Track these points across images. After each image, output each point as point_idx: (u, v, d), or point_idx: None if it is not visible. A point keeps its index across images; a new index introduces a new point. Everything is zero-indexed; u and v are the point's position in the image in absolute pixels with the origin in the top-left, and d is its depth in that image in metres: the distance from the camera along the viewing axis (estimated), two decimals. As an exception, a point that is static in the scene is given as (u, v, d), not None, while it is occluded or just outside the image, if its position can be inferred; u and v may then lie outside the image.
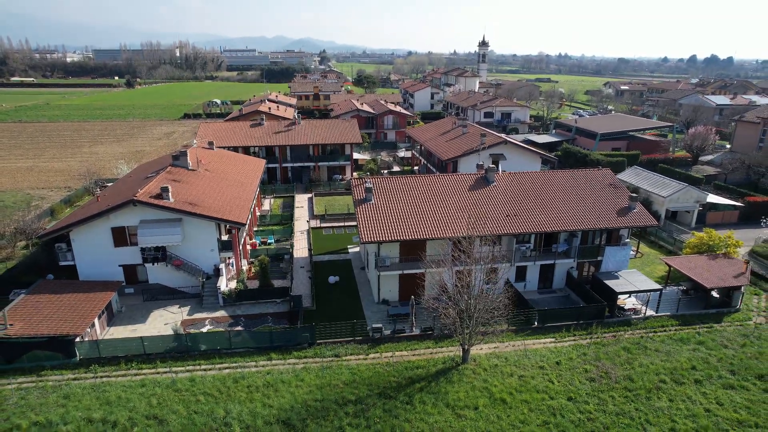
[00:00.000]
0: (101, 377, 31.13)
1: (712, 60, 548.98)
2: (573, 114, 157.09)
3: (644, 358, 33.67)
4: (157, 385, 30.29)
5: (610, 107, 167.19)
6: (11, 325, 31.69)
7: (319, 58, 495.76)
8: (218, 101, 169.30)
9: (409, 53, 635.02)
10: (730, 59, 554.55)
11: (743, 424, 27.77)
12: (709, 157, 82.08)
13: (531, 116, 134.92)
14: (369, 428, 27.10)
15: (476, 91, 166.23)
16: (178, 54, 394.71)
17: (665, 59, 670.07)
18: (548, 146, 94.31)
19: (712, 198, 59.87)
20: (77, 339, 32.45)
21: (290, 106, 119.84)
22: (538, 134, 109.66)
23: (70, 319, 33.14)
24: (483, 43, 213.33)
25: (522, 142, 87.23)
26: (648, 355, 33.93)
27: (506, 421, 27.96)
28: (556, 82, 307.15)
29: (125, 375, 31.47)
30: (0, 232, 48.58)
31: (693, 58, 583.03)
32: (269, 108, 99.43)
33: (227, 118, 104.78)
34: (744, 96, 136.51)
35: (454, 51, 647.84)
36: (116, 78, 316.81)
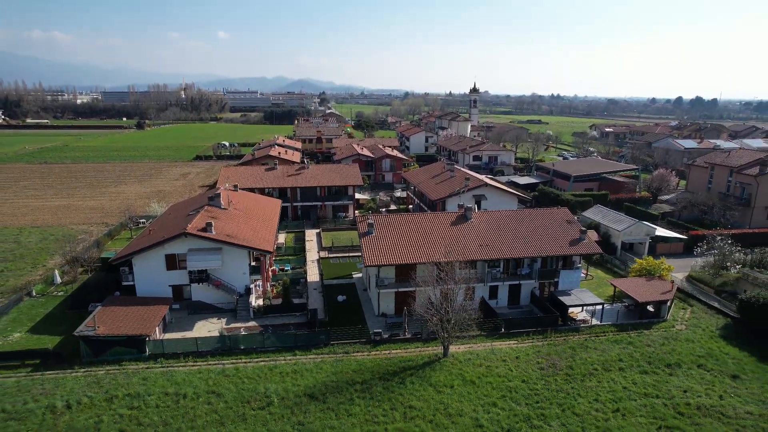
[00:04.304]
0: (167, 367, 40.78)
1: (697, 101, 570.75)
2: (559, 155, 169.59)
3: (584, 354, 43.51)
4: (210, 372, 39.99)
5: (591, 149, 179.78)
6: (98, 327, 41.52)
7: (318, 100, 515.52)
8: (226, 143, 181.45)
9: (406, 94, 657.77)
10: (714, 101, 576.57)
11: (648, 395, 37.53)
12: (667, 197, 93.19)
13: (518, 158, 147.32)
14: (372, 399, 36.74)
15: (467, 135, 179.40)
16: (183, 96, 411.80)
17: (653, 100, 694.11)
18: (529, 187, 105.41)
19: (661, 231, 70.41)
20: (147, 338, 42.22)
21: (296, 150, 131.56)
22: (521, 176, 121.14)
23: (140, 324, 43.05)
24: (474, 90, 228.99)
25: (505, 183, 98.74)
26: (587, 352, 43.78)
27: (474, 395, 37.63)
28: (546, 123, 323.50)
29: (185, 365, 41.14)
30: (65, 260, 58.60)
31: (679, 100, 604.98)
32: (279, 153, 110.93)
33: (241, 161, 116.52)
34: (711, 140, 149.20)
35: (450, 92, 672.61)
36: (125, 119, 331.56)
